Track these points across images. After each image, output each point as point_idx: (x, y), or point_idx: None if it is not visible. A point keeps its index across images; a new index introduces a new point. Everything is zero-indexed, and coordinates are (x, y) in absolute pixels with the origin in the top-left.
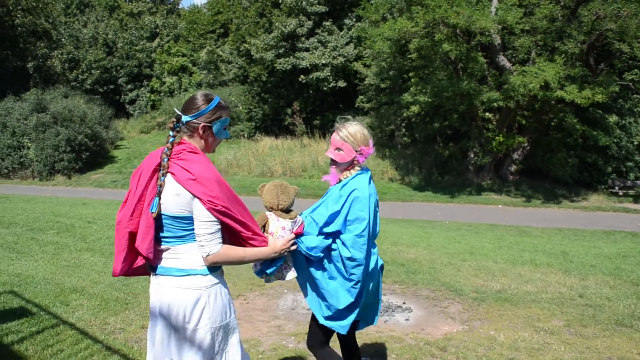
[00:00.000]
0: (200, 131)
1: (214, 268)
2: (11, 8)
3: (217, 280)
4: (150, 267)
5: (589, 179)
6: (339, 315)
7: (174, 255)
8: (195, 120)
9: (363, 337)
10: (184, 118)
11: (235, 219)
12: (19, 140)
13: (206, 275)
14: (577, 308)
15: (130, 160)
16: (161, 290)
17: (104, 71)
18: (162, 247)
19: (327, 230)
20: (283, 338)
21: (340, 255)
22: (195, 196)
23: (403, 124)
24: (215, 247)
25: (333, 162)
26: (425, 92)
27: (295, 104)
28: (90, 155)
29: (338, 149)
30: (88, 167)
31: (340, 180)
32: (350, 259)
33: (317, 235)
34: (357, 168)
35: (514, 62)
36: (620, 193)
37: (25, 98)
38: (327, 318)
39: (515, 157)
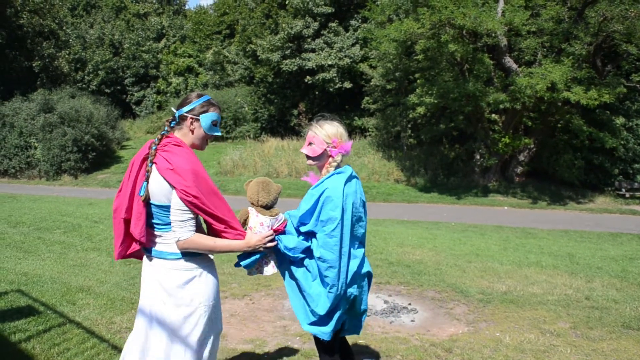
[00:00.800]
0: (189, 122)
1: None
2: (19, 9)
3: (207, 262)
4: (145, 249)
5: (595, 181)
6: (320, 321)
7: (166, 241)
8: (185, 113)
9: (368, 338)
10: (177, 113)
11: (206, 211)
12: (26, 140)
13: (197, 257)
14: (584, 310)
15: None
16: (155, 273)
17: (110, 72)
18: (155, 232)
19: (302, 229)
20: (289, 338)
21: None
22: (171, 185)
23: (409, 125)
24: (186, 233)
25: (308, 158)
26: (431, 94)
27: (301, 105)
28: (97, 156)
29: (310, 143)
30: (94, 167)
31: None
32: (320, 259)
33: (295, 236)
34: (333, 164)
35: (520, 63)
36: (627, 195)
37: (33, 98)
38: (311, 324)
39: (521, 158)
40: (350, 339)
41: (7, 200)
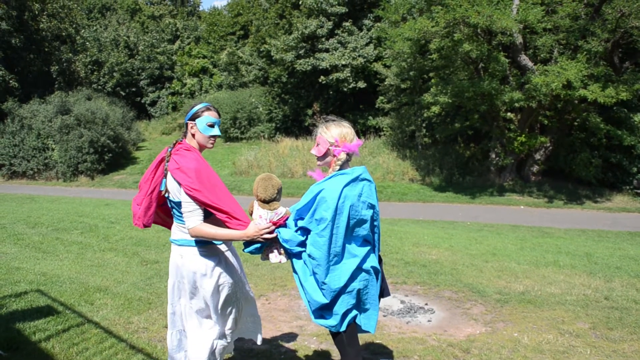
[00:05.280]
0: (189, 127)
1: None
2: (37, 13)
3: (227, 247)
4: (173, 240)
5: (613, 180)
6: (323, 313)
7: (186, 231)
8: (187, 120)
9: (385, 338)
10: (185, 121)
11: (207, 203)
12: (44, 142)
13: (219, 244)
14: (603, 310)
15: (151, 161)
16: (184, 261)
17: (125, 74)
18: (178, 224)
19: (299, 224)
20: (305, 338)
21: None
22: (177, 182)
23: (423, 125)
24: (193, 222)
25: (317, 158)
26: (445, 93)
27: (315, 104)
28: (113, 157)
29: (317, 144)
30: (110, 168)
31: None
32: (310, 256)
33: (295, 230)
34: (338, 163)
35: (536, 61)
36: None
37: (50, 100)
38: (317, 317)
39: (538, 157)
40: (368, 338)
41: (26, 201)
